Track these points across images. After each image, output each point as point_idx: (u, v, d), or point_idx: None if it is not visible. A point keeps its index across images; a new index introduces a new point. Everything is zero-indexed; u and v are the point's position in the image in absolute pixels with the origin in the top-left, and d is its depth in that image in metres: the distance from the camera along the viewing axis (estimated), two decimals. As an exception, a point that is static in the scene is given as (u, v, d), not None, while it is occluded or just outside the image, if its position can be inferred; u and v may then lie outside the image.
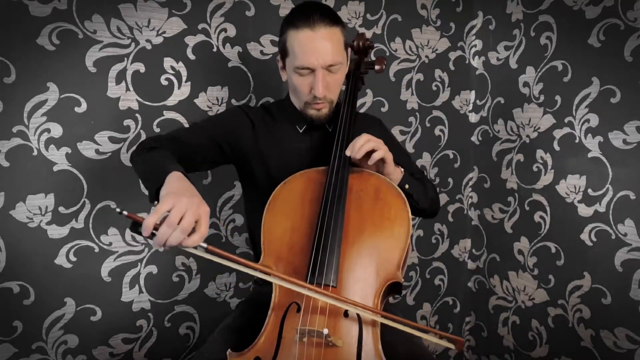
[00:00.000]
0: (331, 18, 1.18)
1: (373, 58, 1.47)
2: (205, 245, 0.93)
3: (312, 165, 1.24)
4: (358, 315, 1.02)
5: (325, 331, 0.95)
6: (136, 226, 0.89)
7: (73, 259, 1.54)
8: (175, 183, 0.98)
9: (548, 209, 1.82)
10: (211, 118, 1.34)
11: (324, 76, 1.18)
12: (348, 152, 1.15)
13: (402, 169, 1.26)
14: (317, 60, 1.16)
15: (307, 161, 1.28)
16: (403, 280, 1.08)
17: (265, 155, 1.30)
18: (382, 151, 1.14)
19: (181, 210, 0.88)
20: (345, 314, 1.02)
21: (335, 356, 0.97)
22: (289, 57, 1.21)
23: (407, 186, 1.25)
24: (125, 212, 0.88)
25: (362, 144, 1.13)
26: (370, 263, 1.08)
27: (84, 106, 1.51)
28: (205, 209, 0.93)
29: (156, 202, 1.02)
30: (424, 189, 1.34)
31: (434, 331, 1.07)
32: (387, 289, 1.06)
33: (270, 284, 1.07)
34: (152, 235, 0.88)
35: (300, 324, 1.00)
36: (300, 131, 1.32)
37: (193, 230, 0.91)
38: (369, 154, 1.15)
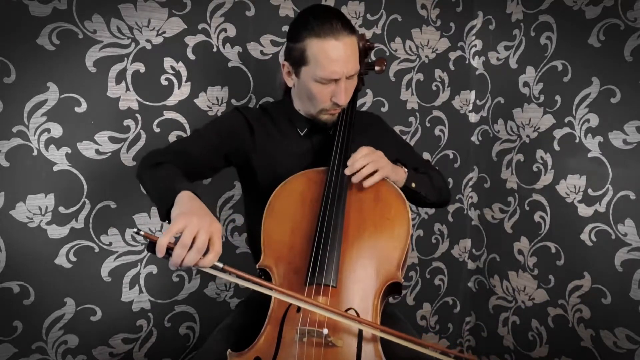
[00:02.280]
0: (351, 26, 1.16)
1: (373, 59, 1.47)
2: (221, 265, 0.92)
3: (312, 167, 1.24)
4: (358, 315, 1.02)
5: (325, 331, 0.95)
6: (153, 246, 0.89)
7: (73, 259, 1.54)
8: (186, 203, 0.97)
9: (548, 209, 1.82)
10: (211, 125, 1.30)
11: (346, 85, 1.18)
12: (347, 172, 1.14)
13: (405, 169, 1.25)
14: (342, 71, 1.14)
15: (308, 163, 1.28)
16: (403, 280, 1.08)
17: (265, 158, 1.29)
18: (381, 173, 1.14)
19: (193, 230, 0.88)
20: None
21: (335, 356, 0.97)
22: (307, 66, 1.16)
23: (413, 185, 1.25)
24: (142, 232, 0.89)
25: (360, 166, 1.13)
26: (370, 263, 1.08)
27: (84, 106, 1.51)
28: (217, 227, 0.92)
29: (167, 221, 1.02)
30: (430, 181, 1.33)
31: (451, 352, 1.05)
32: (387, 289, 1.06)
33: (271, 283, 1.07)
34: (168, 256, 0.88)
35: (300, 324, 1.00)
36: (302, 134, 1.31)
37: (207, 250, 0.91)
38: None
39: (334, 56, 1.12)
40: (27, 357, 1.51)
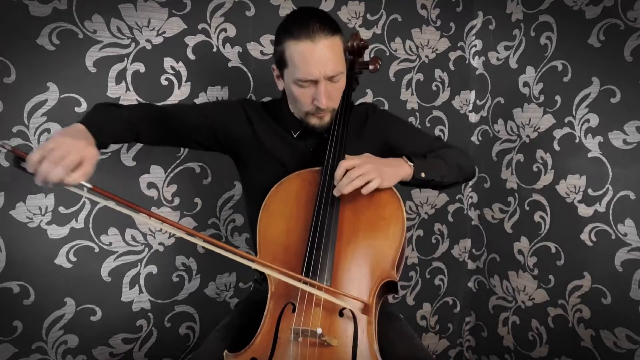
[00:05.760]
0: (331, 26, 1.13)
1: (368, 58, 1.46)
2: (89, 185, 0.93)
3: (307, 163, 1.24)
4: (353, 314, 1.02)
5: (319, 330, 0.96)
6: (19, 161, 0.90)
7: (73, 259, 1.54)
8: (71, 130, 1.00)
9: (548, 209, 1.82)
10: (211, 103, 1.35)
11: (327, 87, 1.14)
12: (336, 193, 1.09)
13: (411, 163, 1.17)
14: (319, 72, 1.11)
15: (302, 162, 1.27)
16: (398, 279, 1.08)
17: (261, 152, 1.30)
18: (374, 183, 1.07)
19: (65, 149, 0.89)
20: (340, 313, 1.02)
21: (331, 356, 0.98)
22: (287, 69, 1.16)
23: (423, 175, 1.17)
24: (8, 147, 0.90)
25: (346, 183, 1.06)
26: (365, 262, 1.08)
27: (84, 106, 1.51)
28: (92, 152, 0.94)
29: None
30: (444, 162, 1.24)
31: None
32: (382, 288, 1.06)
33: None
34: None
35: (294, 323, 1.00)
36: (295, 136, 1.29)
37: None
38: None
39: (309, 57, 1.10)
40: (27, 357, 1.51)
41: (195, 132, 1.27)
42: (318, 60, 1.11)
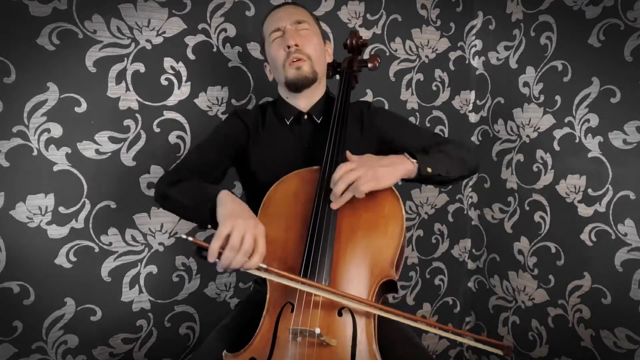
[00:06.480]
0: (299, 4, 1.34)
1: (368, 56, 1.47)
2: (265, 265, 0.98)
3: (303, 160, 1.24)
4: (352, 314, 1.02)
5: (317, 331, 0.96)
6: (200, 251, 0.95)
7: (73, 259, 1.54)
8: (230, 204, 1.03)
9: (548, 209, 1.82)
10: (211, 133, 1.35)
11: (292, 28, 1.27)
12: (334, 207, 1.08)
13: (414, 159, 1.12)
14: (284, 21, 1.28)
15: (299, 156, 1.28)
16: (397, 278, 1.07)
17: (259, 154, 1.31)
18: (366, 187, 1.04)
19: (240, 233, 0.94)
20: (339, 313, 1.02)
21: (330, 356, 0.97)
22: (266, 41, 1.32)
23: (429, 170, 1.13)
24: (190, 239, 0.94)
25: (340, 190, 1.05)
26: (363, 261, 1.07)
27: (84, 106, 1.51)
28: (262, 229, 0.99)
29: (208, 226, 1.08)
30: (446, 156, 1.19)
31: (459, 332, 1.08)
32: (381, 287, 1.06)
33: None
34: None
35: (292, 323, 1.00)
36: (287, 123, 1.32)
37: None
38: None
39: (275, 13, 1.32)
40: (27, 357, 1.51)
41: (217, 167, 1.31)
42: (283, 12, 1.31)
